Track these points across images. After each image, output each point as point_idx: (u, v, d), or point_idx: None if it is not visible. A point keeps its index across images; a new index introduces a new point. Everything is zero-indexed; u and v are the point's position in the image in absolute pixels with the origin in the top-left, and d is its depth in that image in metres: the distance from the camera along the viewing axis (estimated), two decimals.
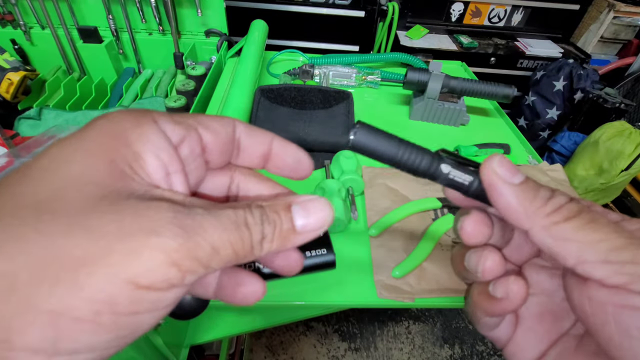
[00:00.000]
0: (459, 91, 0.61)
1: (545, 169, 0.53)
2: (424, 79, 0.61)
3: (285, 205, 0.15)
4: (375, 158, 0.16)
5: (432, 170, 0.16)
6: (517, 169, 0.16)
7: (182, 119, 0.15)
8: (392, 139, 0.16)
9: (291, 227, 0.15)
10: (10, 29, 0.77)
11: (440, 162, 0.16)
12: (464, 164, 0.17)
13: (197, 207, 0.13)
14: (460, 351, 1.19)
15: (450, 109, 0.62)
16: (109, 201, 0.12)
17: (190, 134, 0.15)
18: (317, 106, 0.58)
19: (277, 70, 0.75)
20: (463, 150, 0.54)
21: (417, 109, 0.63)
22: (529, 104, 1.42)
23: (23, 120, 0.64)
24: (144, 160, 0.13)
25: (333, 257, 0.35)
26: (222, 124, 0.16)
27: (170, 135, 0.15)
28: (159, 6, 0.76)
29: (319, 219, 0.15)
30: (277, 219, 0.14)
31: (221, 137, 0.16)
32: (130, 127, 0.14)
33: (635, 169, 1.08)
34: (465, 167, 0.17)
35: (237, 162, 0.18)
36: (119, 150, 0.13)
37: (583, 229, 0.15)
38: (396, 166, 0.17)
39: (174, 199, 0.13)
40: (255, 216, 0.14)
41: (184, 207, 0.13)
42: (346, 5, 1.28)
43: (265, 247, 0.14)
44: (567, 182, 0.51)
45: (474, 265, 0.18)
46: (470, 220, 0.17)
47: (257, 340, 1.14)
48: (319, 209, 0.15)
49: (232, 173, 0.18)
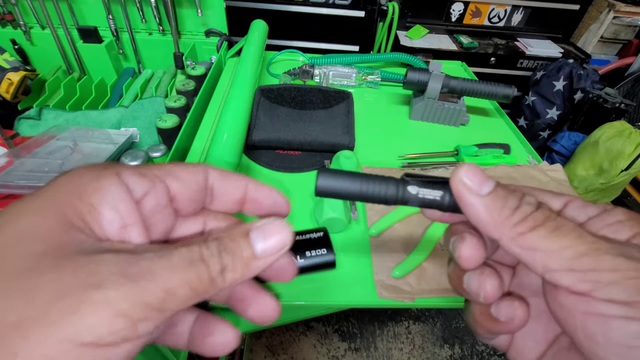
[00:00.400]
0: (459, 91, 0.61)
1: (545, 169, 0.53)
2: (424, 79, 0.61)
3: (243, 233, 0.15)
4: (342, 198, 0.17)
5: (400, 195, 0.17)
6: (486, 177, 0.16)
7: (147, 171, 0.15)
8: (355, 177, 0.17)
9: (251, 254, 0.14)
10: (10, 29, 0.77)
11: (405, 185, 0.17)
12: (432, 181, 0.17)
13: (146, 252, 0.13)
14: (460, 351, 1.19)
15: (450, 109, 0.62)
16: (51, 258, 0.11)
17: (156, 186, 0.15)
18: (317, 106, 0.58)
19: (277, 70, 0.75)
20: (463, 150, 0.54)
21: (417, 109, 0.63)
22: (529, 104, 1.42)
23: (23, 120, 0.64)
24: (98, 212, 0.13)
25: (333, 257, 0.35)
26: (192, 172, 0.16)
27: (133, 187, 0.14)
28: (159, 6, 0.76)
29: (278, 240, 0.15)
30: (235, 247, 0.14)
31: (191, 187, 0.16)
32: (89, 180, 0.14)
33: (635, 169, 1.08)
34: (433, 184, 0.17)
35: (212, 207, 0.18)
36: (72, 204, 0.13)
37: (548, 237, 0.15)
38: (365, 200, 0.17)
39: (122, 249, 0.13)
40: (211, 248, 0.14)
41: (132, 256, 0.12)
42: (346, 5, 1.28)
43: (228, 278, 0.14)
44: (567, 182, 0.51)
45: (475, 289, 0.18)
46: (466, 246, 0.17)
47: (257, 340, 1.14)
48: (276, 230, 0.15)
49: (204, 218, 0.18)
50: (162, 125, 0.54)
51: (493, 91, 0.61)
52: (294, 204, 0.45)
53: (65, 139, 0.55)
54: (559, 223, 0.15)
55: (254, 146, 0.52)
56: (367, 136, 0.59)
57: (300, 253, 0.36)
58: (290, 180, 0.50)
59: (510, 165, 0.53)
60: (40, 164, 0.48)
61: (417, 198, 0.17)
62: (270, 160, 0.52)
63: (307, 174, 0.51)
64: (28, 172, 0.46)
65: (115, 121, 0.65)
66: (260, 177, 0.50)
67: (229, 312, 0.47)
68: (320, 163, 0.51)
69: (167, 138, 0.55)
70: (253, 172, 0.50)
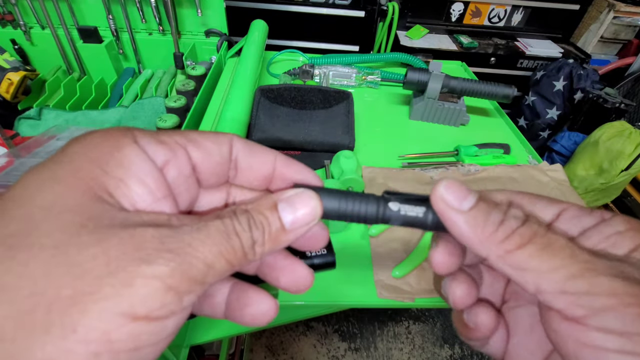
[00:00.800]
0: (459, 91, 0.61)
1: (545, 169, 0.53)
2: (424, 79, 0.60)
3: (271, 205, 0.14)
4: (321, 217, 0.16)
5: (381, 213, 0.16)
6: (468, 191, 0.15)
7: (167, 138, 0.14)
8: (334, 196, 0.16)
9: (280, 227, 0.14)
10: (10, 29, 0.77)
11: (386, 202, 0.16)
12: (414, 199, 0.16)
13: (184, 225, 0.13)
14: (460, 351, 1.19)
15: (450, 109, 0.62)
16: (89, 230, 0.11)
17: (177, 155, 0.14)
18: (317, 106, 0.58)
19: (277, 70, 0.75)
20: (463, 150, 0.54)
21: (417, 109, 0.63)
22: (529, 104, 1.42)
23: (23, 120, 0.64)
24: (127, 187, 0.13)
25: (333, 257, 0.35)
26: (216, 142, 0.15)
27: (153, 156, 0.13)
28: (159, 6, 0.76)
29: (307, 212, 0.14)
30: (263, 221, 0.14)
31: (214, 157, 0.15)
32: (110, 150, 0.13)
33: (635, 169, 1.08)
34: (416, 201, 0.16)
35: (235, 182, 0.17)
36: (96, 177, 0.12)
37: (537, 256, 0.13)
38: (345, 220, 0.16)
39: (158, 222, 0.13)
40: (242, 223, 0.13)
41: (171, 230, 0.12)
42: (346, 5, 1.28)
43: (257, 252, 0.14)
44: (567, 182, 0.51)
45: (446, 294, 0.17)
46: (437, 253, 0.17)
47: (257, 340, 1.14)
48: (305, 202, 0.14)
49: (228, 188, 0.17)
50: (162, 125, 0.54)
51: (493, 91, 0.61)
52: None
53: (65, 138, 0.55)
54: (549, 240, 0.14)
55: None
56: (367, 136, 0.59)
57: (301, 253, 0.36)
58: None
59: (510, 165, 0.53)
60: None
61: (399, 215, 0.16)
62: None
63: None
64: None
65: (115, 121, 0.65)
66: None
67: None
68: (320, 163, 0.51)
69: None
70: None
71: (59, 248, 0.11)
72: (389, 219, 0.16)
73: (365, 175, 0.49)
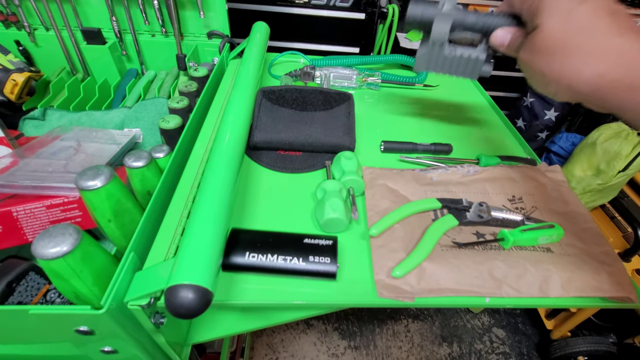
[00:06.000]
0: (478, 29, 0.44)
1: (544, 170, 0.53)
2: (427, 16, 0.44)
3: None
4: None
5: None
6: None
7: None
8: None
9: None
10: (14, 30, 0.78)
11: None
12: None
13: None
14: (458, 349, 1.19)
15: (464, 57, 0.46)
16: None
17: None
18: (318, 107, 0.59)
19: (278, 72, 0.76)
20: (484, 160, 0.54)
21: (421, 57, 0.48)
22: (527, 105, 1.43)
23: (27, 120, 0.64)
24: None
25: (335, 268, 0.36)
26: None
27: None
28: (162, 8, 0.76)
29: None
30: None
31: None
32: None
33: (632, 170, 1.09)
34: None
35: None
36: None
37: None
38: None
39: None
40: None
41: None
42: (347, 8, 1.29)
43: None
44: (565, 183, 0.51)
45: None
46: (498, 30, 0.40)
47: (258, 338, 1.15)
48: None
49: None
50: (164, 126, 0.55)
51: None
52: (295, 205, 0.46)
53: (69, 139, 0.55)
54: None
55: (255, 147, 0.53)
56: (367, 137, 0.60)
57: (304, 256, 0.36)
58: (291, 180, 0.50)
59: (509, 166, 0.54)
60: (44, 164, 0.48)
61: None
62: (272, 160, 0.52)
63: (308, 175, 0.51)
64: (32, 172, 0.47)
65: (118, 122, 0.66)
66: (261, 177, 0.50)
67: (230, 311, 0.47)
68: (321, 164, 0.52)
69: (170, 139, 0.55)
70: (254, 173, 0.51)
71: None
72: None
73: (365, 176, 0.50)
